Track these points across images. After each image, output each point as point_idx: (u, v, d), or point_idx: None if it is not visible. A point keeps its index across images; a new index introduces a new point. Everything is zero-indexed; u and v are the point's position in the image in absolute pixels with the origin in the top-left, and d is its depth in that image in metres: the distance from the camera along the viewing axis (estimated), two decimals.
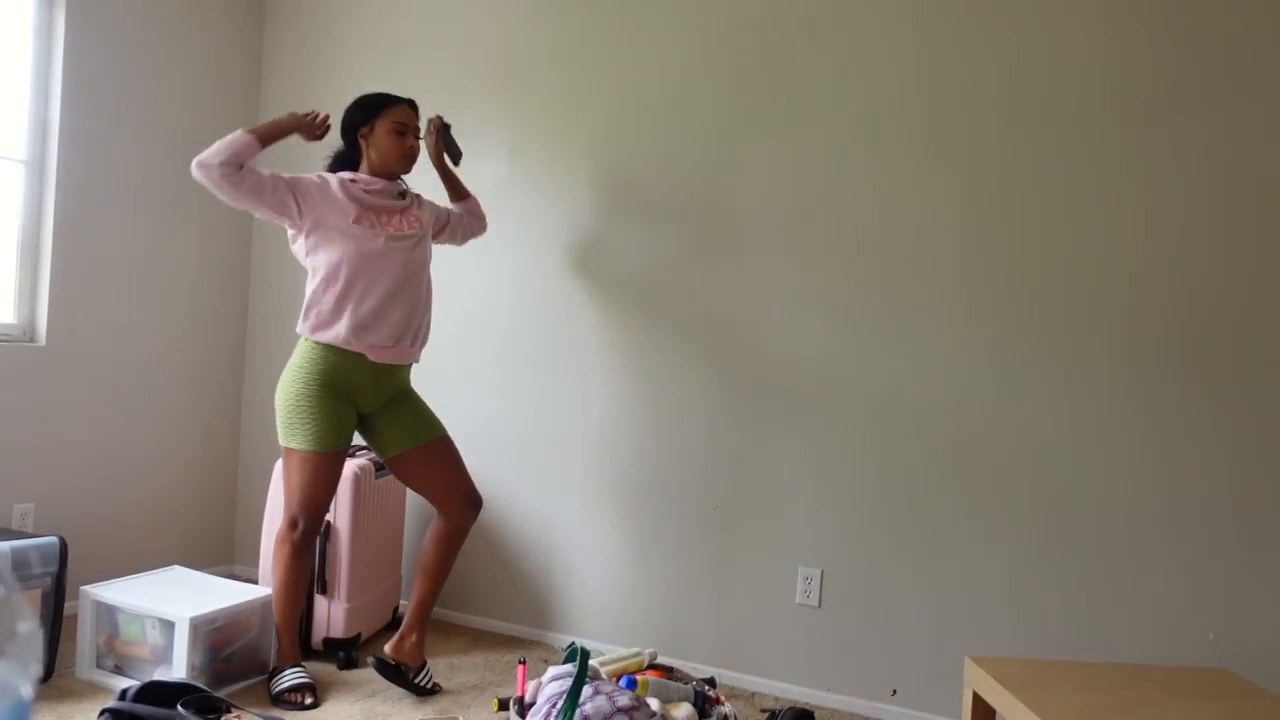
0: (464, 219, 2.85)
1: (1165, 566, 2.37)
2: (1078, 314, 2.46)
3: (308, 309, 2.44)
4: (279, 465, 2.83)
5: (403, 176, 2.60)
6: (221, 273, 3.48)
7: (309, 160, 3.40)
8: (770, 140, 2.79)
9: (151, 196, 3.20)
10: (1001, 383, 2.53)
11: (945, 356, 2.59)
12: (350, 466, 2.76)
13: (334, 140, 3.09)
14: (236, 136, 2.32)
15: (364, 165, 2.56)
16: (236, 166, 2.30)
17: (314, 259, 2.44)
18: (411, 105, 2.59)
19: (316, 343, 2.43)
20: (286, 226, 2.46)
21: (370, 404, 2.52)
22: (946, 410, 2.59)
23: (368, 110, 2.55)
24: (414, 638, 2.58)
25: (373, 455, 2.90)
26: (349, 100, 3.39)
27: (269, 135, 2.40)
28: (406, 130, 2.54)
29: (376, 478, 2.85)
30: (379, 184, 2.51)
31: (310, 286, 2.45)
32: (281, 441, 2.46)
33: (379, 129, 2.53)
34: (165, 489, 3.31)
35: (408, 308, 2.49)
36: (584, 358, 3.02)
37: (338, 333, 2.40)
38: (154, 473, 3.27)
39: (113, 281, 3.08)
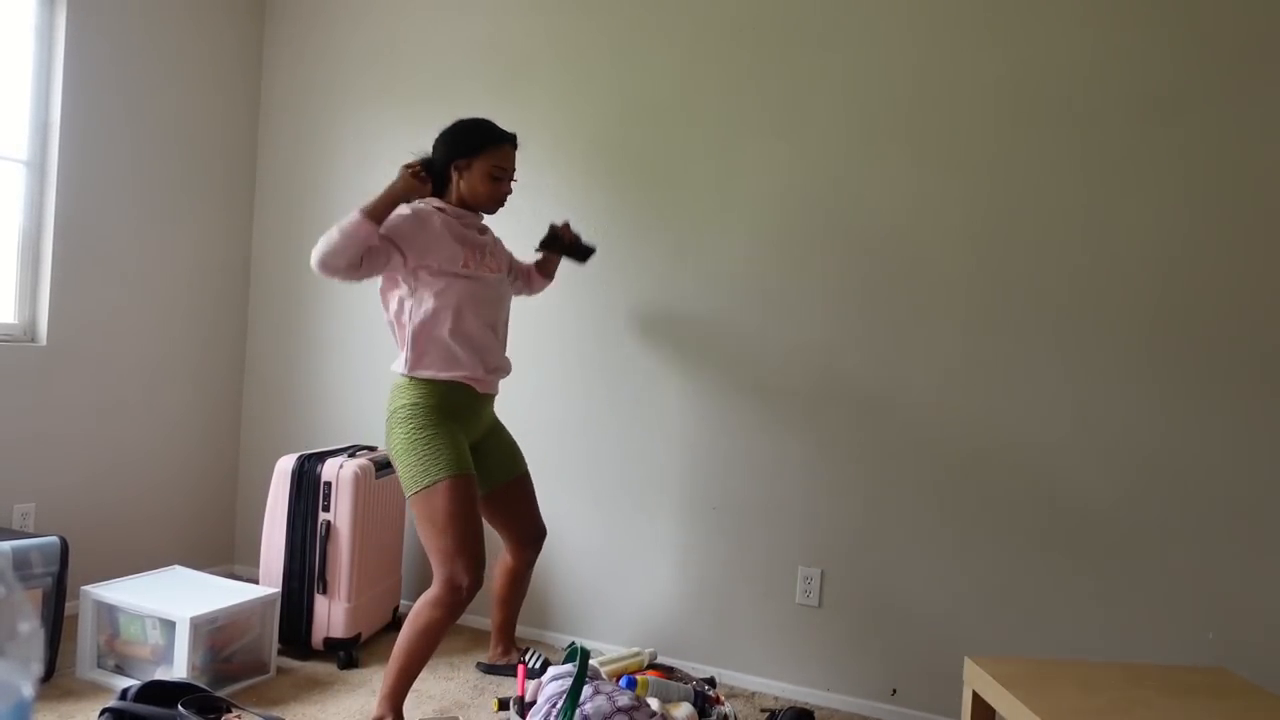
0: (526, 283, 2.78)
1: (1165, 566, 2.37)
2: (1079, 313, 2.46)
3: (416, 348, 2.28)
4: (279, 465, 2.83)
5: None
6: (221, 273, 3.49)
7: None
8: (770, 140, 2.79)
9: (151, 197, 3.20)
10: (1002, 382, 2.53)
11: (946, 356, 2.59)
12: (350, 466, 2.77)
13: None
14: (356, 226, 2.11)
15: (450, 194, 2.39)
16: (359, 259, 2.15)
17: (418, 297, 2.28)
18: (513, 144, 2.41)
19: (431, 380, 2.29)
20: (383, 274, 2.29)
21: (475, 434, 2.44)
22: (947, 409, 2.59)
23: (469, 145, 2.36)
24: (500, 649, 2.77)
25: (374, 455, 2.90)
26: (349, 99, 3.43)
27: (385, 210, 2.17)
28: (504, 176, 2.37)
29: (377, 478, 2.85)
30: (469, 217, 2.38)
31: (413, 323, 2.28)
32: (416, 489, 2.21)
33: (476, 168, 2.35)
34: (165, 489, 3.31)
35: (502, 342, 2.45)
36: (582, 357, 3.02)
37: (454, 370, 2.29)
38: (154, 473, 3.27)
39: (113, 281, 3.08)
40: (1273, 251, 2.29)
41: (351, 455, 2.85)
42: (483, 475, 2.55)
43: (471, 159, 2.35)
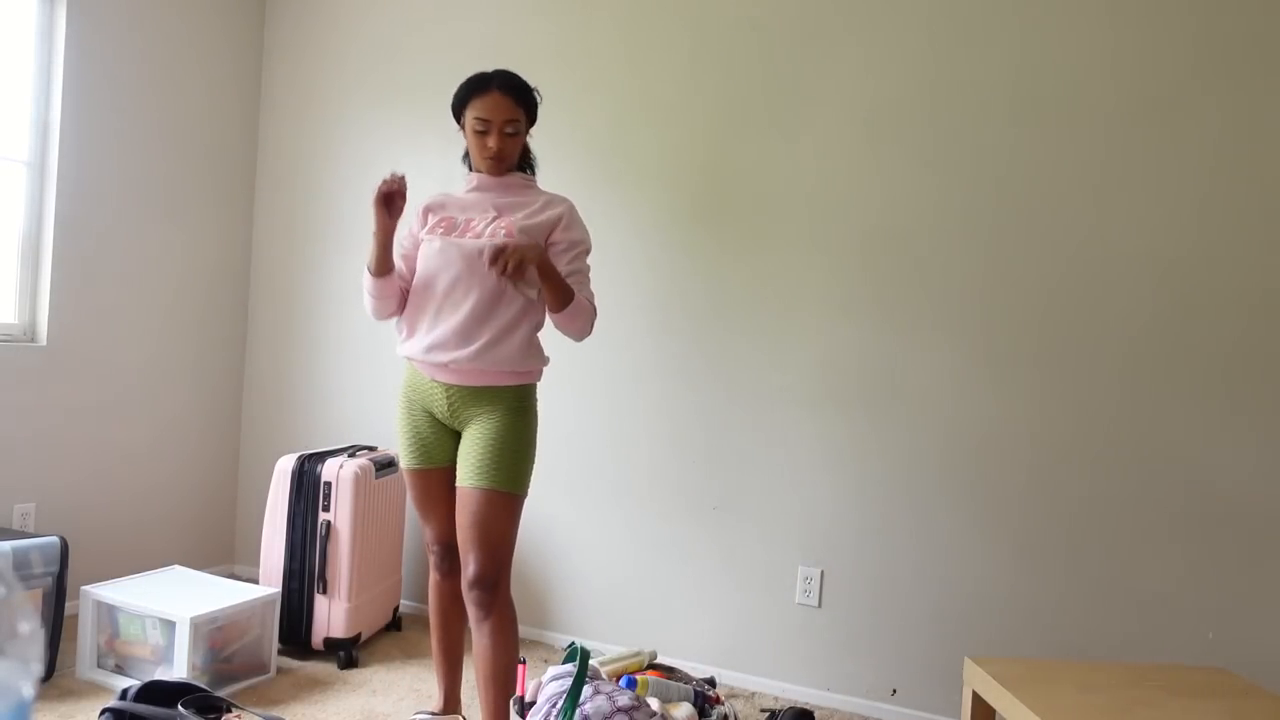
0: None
1: (1165, 566, 2.37)
2: (1078, 313, 2.46)
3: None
4: (279, 465, 2.83)
5: (531, 173, 2.24)
6: (221, 273, 3.49)
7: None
8: (771, 140, 2.79)
9: (152, 197, 3.20)
10: (1002, 382, 2.53)
11: (945, 356, 2.59)
12: (350, 466, 2.77)
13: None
14: (364, 282, 2.15)
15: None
16: (386, 302, 2.15)
17: None
18: (500, 86, 2.09)
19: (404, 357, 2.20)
20: None
21: (452, 421, 2.16)
22: (947, 409, 2.59)
23: (457, 105, 2.16)
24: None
25: (374, 455, 2.90)
26: (349, 99, 3.43)
27: (379, 250, 2.08)
28: (489, 129, 2.09)
29: (376, 478, 2.85)
30: (475, 180, 2.17)
31: None
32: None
33: (466, 125, 2.14)
34: (165, 489, 3.31)
35: (467, 319, 2.06)
36: (582, 358, 3.02)
37: (405, 346, 2.15)
38: (154, 473, 3.27)
39: (113, 281, 3.08)
40: (1275, 251, 2.29)
41: (351, 455, 2.85)
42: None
43: (462, 117, 2.15)
